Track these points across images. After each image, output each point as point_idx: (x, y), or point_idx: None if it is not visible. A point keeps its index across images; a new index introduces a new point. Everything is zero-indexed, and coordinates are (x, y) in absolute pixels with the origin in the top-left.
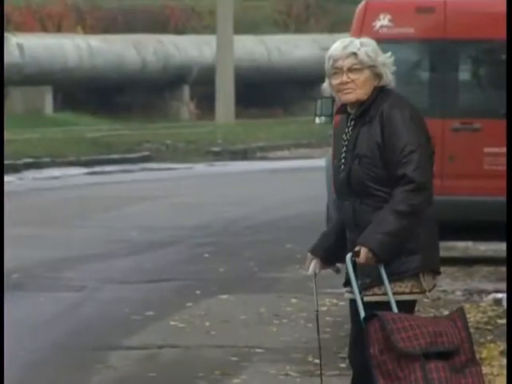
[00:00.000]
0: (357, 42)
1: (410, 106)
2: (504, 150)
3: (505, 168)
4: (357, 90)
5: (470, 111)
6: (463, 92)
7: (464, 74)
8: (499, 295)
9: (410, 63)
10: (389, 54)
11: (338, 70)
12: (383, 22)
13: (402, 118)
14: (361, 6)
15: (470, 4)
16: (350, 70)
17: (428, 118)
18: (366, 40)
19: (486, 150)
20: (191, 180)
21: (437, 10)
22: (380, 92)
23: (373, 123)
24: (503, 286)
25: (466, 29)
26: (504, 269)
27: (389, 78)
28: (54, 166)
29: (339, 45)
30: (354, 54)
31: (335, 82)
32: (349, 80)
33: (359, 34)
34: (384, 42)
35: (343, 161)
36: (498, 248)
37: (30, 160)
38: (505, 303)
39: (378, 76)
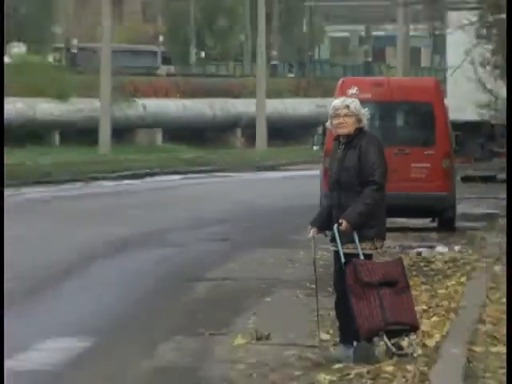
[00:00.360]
0: (349, 100)
1: (378, 142)
2: (423, 164)
3: (423, 176)
4: (347, 127)
5: (403, 143)
6: (399, 131)
7: (400, 121)
8: (420, 249)
9: (369, 115)
10: (366, 109)
11: (337, 115)
12: (353, 90)
13: (373, 149)
14: (340, 81)
15: (402, 80)
16: (345, 115)
17: (385, 146)
18: (354, 99)
19: (413, 165)
20: (241, 183)
21: (384, 84)
22: (359, 131)
23: (356, 149)
24: (422, 243)
25: (401, 95)
26: (423, 234)
27: (365, 123)
28: (162, 175)
29: (339, 101)
30: (348, 106)
31: (335, 121)
32: (343, 121)
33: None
34: None
35: (335, 169)
36: (420, 222)
37: (148, 171)
38: (423, 254)
39: (359, 121)
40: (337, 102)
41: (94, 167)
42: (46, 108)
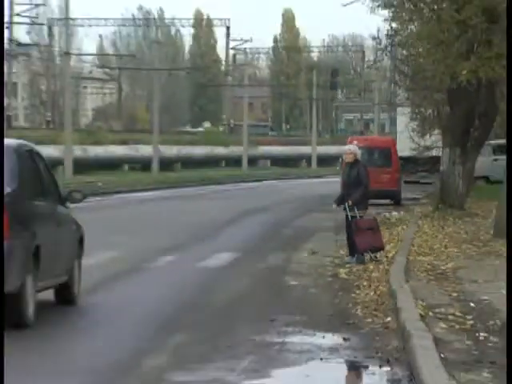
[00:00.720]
0: (352, 146)
1: (365, 166)
2: (387, 175)
3: (386, 181)
4: (351, 158)
5: (377, 166)
6: (376, 160)
7: (375, 156)
8: (385, 213)
9: (362, 153)
10: (360, 150)
11: (346, 153)
12: (355, 142)
13: (363, 171)
14: (349, 138)
15: (377, 138)
16: (350, 153)
17: (368, 167)
18: (355, 146)
19: (382, 175)
20: (304, 183)
21: (368, 139)
22: (356, 161)
23: (355, 170)
24: (386, 211)
25: (376, 144)
26: (386, 206)
27: (359, 156)
28: (270, 180)
29: (347, 147)
30: (351, 149)
31: (345, 155)
32: (349, 156)
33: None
34: None
35: (344, 179)
36: (385, 201)
37: (263, 178)
38: (386, 216)
39: (356, 156)
40: (346, 147)
41: (239, 177)
42: (218, 150)
